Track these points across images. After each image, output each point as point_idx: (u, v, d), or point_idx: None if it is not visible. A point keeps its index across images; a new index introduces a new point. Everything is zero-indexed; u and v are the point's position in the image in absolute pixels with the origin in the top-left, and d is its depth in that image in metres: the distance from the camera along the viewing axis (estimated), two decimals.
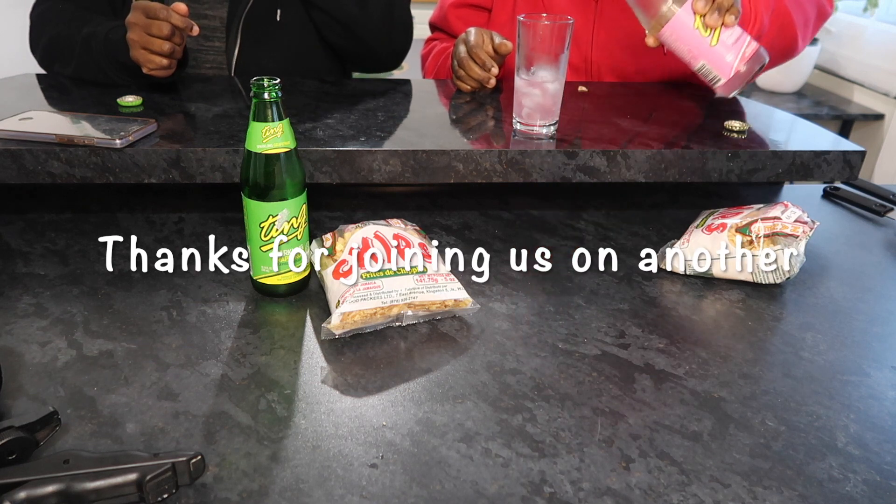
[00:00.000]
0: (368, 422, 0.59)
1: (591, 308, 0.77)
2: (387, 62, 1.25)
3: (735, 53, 0.88)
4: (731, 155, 0.89)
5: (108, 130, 0.82)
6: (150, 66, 0.95)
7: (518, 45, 0.88)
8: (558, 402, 0.62)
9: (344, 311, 0.68)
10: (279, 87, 0.67)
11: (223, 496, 0.51)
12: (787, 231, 0.79)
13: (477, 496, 0.52)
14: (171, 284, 0.78)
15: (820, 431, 0.60)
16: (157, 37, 0.93)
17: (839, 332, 0.74)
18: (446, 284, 0.73)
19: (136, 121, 0.86)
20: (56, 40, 1.08)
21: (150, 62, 0.95)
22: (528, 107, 0.90)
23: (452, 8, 1.27)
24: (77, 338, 0.68)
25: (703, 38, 0.87)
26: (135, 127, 0.84)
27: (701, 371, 0.67)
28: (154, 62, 0.94)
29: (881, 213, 1.01)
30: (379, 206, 0.99)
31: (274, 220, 0.70)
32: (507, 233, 0.93)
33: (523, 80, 0.89)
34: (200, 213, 0.94)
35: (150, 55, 0.94)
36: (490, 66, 1.05)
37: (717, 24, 0.86)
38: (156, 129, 0.86)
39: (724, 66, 0.88)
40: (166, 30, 0.92)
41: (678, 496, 0.53)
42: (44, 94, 1.03)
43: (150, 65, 0.95)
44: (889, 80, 2.35)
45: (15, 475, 0.48)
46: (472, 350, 0.69)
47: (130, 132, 0.82)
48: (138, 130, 0.83)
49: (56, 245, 0.85)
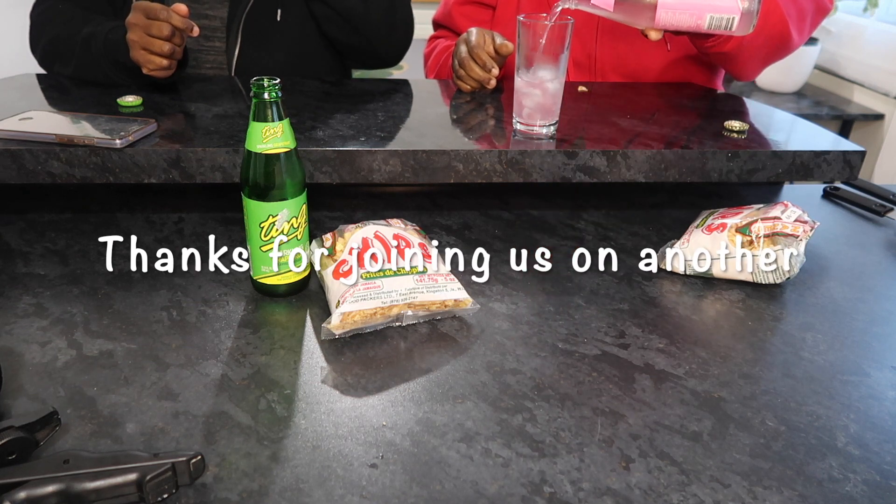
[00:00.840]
0: (368, 422, 0.59)
1: (591, 308, 0.77)
2: (387, 58, 1.25)
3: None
4: (731, 155, 0.89)
5: (108, 130, 0.82)
6: (151, 66, 0.95)
7: (518, 45, 0.88)
8: (558, 402, 0.62)
9: (344, 311, 0.68)
10: (279, 86, 0.67)
11: (223, 496, 0.51)
12: (787, 231, 0.79)
13: (477, 496, 0.52)
14: (171, 284, 0.78)
15: (820, 431, 0.60)
16: (157, 37, 0.93)
17: (839, 332, 0.74)
18: (446, 284, 0.73)
19: (137, 121, 0.86)
20: (56, 40, 1.08)
21: (151, 63, 0.95)
22: (528, 107, 0.90)
23: (457, 5, 1.27)
24: (77, 338, 0.68)
25: None
26: (135, 127, 0.84)
27: (701, 371, 0.67)
28: (154, 63, 0.95)
29: (881, 213, 1.01)
30: (379, 206, 0.99)
31: (274, 220, 0.70)
32: (507, 233, 0.93)
33: (523, 80, 0.89)
34: (200, 213, 0.94)
35: (151, 56, 0.94)
36: (490, 66, 1.05)
37: None
38: (156, 128, 0.86)
39: (730, 4, 0.86)
40: (166, 30, 0.92)
41: (678, 496, 0.53)
42: (44, 94, 1.03)
43: (150, 65, 0.95)
44: (889, 80, 2.35)
45: (15, 475, 0.48)
46: (472, 350, 0.69)
47: (130, 132, 0.82)
48: (138, 130, 0.83)
49: (56, 245, 0.85)
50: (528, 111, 0.90)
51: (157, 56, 0.94)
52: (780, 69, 2.46)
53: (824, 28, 2.58)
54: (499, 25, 1.20)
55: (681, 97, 1.14)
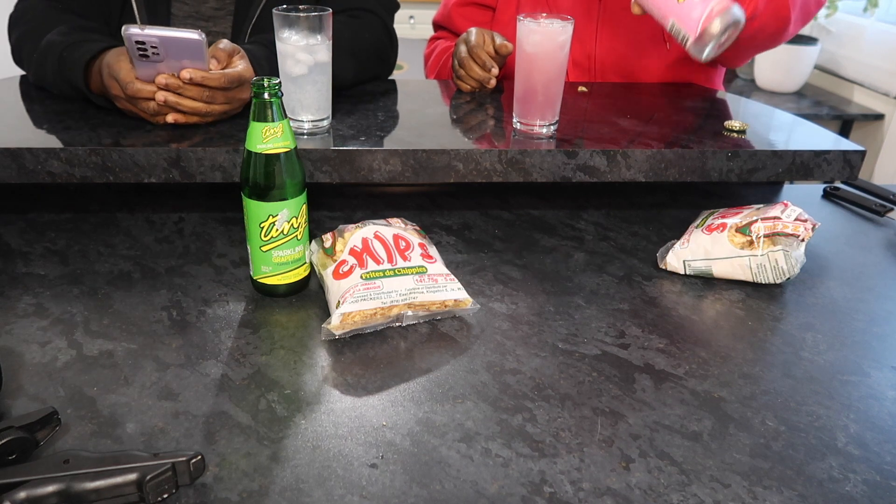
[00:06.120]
0: (368, 422, 0.59)
1: (591, 308, 0.77)
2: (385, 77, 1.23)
3: (702, 9, 0.84)
4: (731, 155, 0.89)
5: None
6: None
7: (518, 45, 0.88)
8: (558, 402, 0.62)
9: (344, 311, 0.68)
10: (279, 87, 0.67)
11: (223, 496, 0.51)
12: (787, 231, 0.79)
13: (477, 496, 0.52)
14: (171, 284, 0.78)
15: (820, 431, 0.60)
16: (143, 111, 0.86)
17: (839, 332, 0.74)
18: (446, 284, 0.73)
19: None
20: (21, 41, 0.99)
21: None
22: (528, 106, 0.91)
23: (456, 6, 1.27)
24: (77, 338, 0.68)
25: None
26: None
27: (701, 371, 0.67)
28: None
29: (881, 213, 1.01)
30: (379, 206, 0.99)
31: (274, 220, 0.70)
32: (507, 233, 0.93)
33: (524, 80, 0.89)
34: (200, 213, 0.94)
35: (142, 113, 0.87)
36: (490, 66, 1.05)
37: None
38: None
39: (690, 22, 0.85)
40: (151, 111, 0.85)
41: (678, 496, 0.53)
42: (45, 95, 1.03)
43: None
44: (889, 80, 2.35)
45: (15, 475, 0.48)
46: (472, 350, 0.69)
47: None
48: None
49: (56, 245, 0.85)
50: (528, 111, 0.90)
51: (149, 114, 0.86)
52: (780, 69, 2.47)
53: (824, 28, 2.58)
54: (498, 26, 1.20)
55: (681, 97, 1.13)
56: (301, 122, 0.87)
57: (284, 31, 0.82)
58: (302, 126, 0.87)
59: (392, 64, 1.18)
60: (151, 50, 0.80)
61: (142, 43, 0.79)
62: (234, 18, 1.09)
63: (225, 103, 0.87)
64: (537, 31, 0.86)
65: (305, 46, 0.83)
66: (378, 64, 1.11)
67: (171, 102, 0.83)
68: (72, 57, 0.89)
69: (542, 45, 0.86)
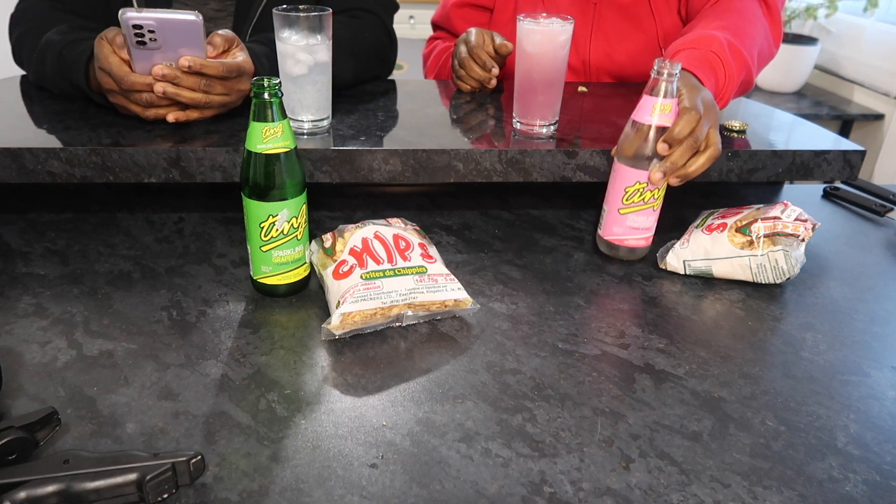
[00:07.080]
0: (368, 422, 0.59)
1: (591, 308, 0.77)
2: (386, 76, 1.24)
3: (620, 232, 0.83)
4: (731, 155, 0.89)
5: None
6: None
7: (518, 45, 0.88)
8: (558, 402, 0.62)
9: (344, 311, 0.68)
10: (279, 86, 0.67)
11: (223, 496, 0.51)
12: (787, 231, 0.79)
13: (477, 496, 0.52)
14: (171, 284, 0.78)
15: (820, 431, 0.60)
16: (137, 103, 0.85)
17: (839, 332, 0.74)
18: (446, 284, 0.73)
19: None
20: (21, 40, 0.99)
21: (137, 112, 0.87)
22: (528, 106, 0.91)
23: (455, 7, 1.27)
24: (77, 338, 0.68)
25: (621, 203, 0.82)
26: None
27: (701, 371, 0.67)
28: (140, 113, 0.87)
29: (881, 213, 1.01)
30: (379, 206, 0.99)
31: (274, 220, 0.70)
32: (507, 233, 0.93)
33: (524, 80, 0.89)
34: (200, 213, 0.94)
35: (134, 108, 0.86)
36: (490, 66, 1.05)
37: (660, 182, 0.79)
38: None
39: (605, 226, 0.84)
40: (144, 103, 0.84)
41: (678, 496, 0.53)
42: (45, 95, 1.03)
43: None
44: (889, 80, 2.35)
45: (15, 475, 0.48)
46: (472, 350, 0.69)
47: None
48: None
49: (56, 245, 0.85)
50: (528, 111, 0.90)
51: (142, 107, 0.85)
52: (780, 69, 2.47)
53: (824, 28, 2.58)
54: (496, 27, 1.20)
55: None
56: (301, 122, 0.87)
57: (284, 31, 0.82)
58: (302, 126, 0.87)
59: (392, 64, 1.18)
60: (149, 35, 0.79)
61: (139, 27, 0.78)
62: (235, 20, 1.09)
63: (224, 94, 0.86)
64: (537, 31, 0.86)
65: (305, 46, 0.83)
66: (378, 64, 1.12)
67: (170, 93, 0.82)
68: (71, 55, 0.89)
69: (542, 45, 0.86)
